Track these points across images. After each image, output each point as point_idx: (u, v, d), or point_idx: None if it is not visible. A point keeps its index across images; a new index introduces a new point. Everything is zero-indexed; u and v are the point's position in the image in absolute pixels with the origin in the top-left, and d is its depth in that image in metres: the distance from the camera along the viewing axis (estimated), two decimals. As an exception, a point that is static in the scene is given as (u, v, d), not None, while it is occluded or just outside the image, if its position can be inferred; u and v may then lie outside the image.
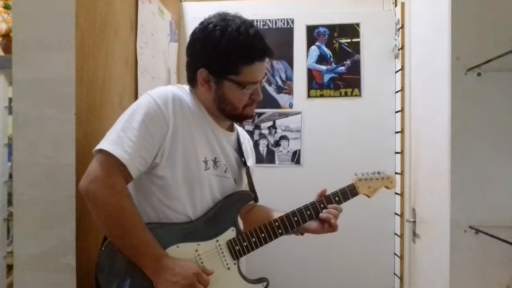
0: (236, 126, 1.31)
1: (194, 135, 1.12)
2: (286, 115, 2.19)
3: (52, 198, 1.15)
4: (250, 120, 2.18)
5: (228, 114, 1.17)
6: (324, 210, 1.22)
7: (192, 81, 1.18)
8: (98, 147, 1.03)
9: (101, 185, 1.00)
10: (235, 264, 1.15)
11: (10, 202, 1.63)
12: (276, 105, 2.19)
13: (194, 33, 1.15)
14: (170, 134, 1.08)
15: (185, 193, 1.11)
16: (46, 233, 1.15)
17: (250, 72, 1.11)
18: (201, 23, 1.14)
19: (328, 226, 1.21)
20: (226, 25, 1.09)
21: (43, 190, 1.15)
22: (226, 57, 1.09)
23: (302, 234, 1.29)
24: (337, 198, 1.24)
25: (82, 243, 1.17)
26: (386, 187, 1.32)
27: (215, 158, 1.17)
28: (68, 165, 1.14)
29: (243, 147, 1.29)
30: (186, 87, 1.20)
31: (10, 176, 1.60)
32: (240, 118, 1.20)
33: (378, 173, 1.31)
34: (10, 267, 1.61)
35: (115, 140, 1.02)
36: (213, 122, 1.18)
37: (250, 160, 1.32)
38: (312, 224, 1.23)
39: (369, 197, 1.30)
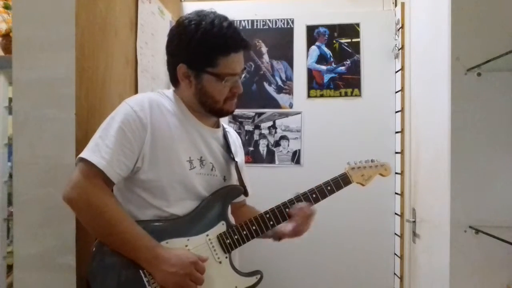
0: (222, 123, 1.31)
1: (175, 136, 1.13)
2: (286, 115, 2.19)
3: (52, 198, 1.14)
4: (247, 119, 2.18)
5: (210, 108, 1.18)
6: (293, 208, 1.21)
7: (173, 80, 1.20)
8: (78, 156, 1.05)
9: (81, 190, 1.02)
10: (226, 258, 1.15)
11: (10, 202, 1.64)
12: (276, 105, 2.19)
13: (171, 30, 1.19)
14: (149, 138, 1.09)
15: (171, 194, 1.11)
16: (46, 233, 1.15)
17: (227, 63, 1.13)
18: (177, 21, 1.18)
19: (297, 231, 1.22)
20: (200, 19, 1.12)
21: (43, 190, 1.15)
22: (202, 49, 1.11)
23: (280, 239, 1.27)
24: (329, 188, 1.25)
25: (82, 243, 1.17)
26: (381, 174, 1.31)
27: (201, 157, 1.17)
28: (68, 165, 1.14)
29: (231, 141, 1.29)
30: (167, 91, 1.22)
31: (10, 176, 1.60)
32: (222, 113, 1.21)
33: (372, 161, 1.30)
34: (10, 267, 1.62)
35: (93, 148, 1.04)
36: (197, 121, 1.19)
37: (239, 157, 1.32)
38: (287, 227, 1.22)
39: (363, 185, 1.29)
